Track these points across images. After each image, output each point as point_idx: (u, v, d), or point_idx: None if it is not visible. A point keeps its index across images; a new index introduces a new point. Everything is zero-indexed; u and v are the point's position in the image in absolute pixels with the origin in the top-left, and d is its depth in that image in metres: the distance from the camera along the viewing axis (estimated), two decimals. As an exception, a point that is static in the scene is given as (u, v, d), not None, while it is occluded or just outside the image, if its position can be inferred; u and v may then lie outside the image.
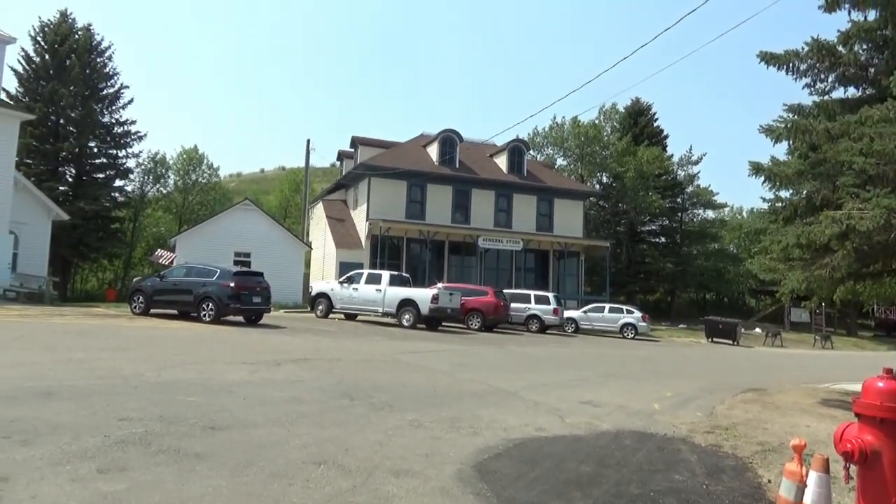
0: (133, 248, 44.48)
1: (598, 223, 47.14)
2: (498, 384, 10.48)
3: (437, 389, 9.46)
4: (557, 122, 48.13)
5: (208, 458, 5.00)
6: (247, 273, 19.85)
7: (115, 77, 38.77)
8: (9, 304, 20.82)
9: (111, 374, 8.76)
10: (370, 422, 6.78)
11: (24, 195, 25.85)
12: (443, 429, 6.68)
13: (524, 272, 36.06)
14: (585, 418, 8.11)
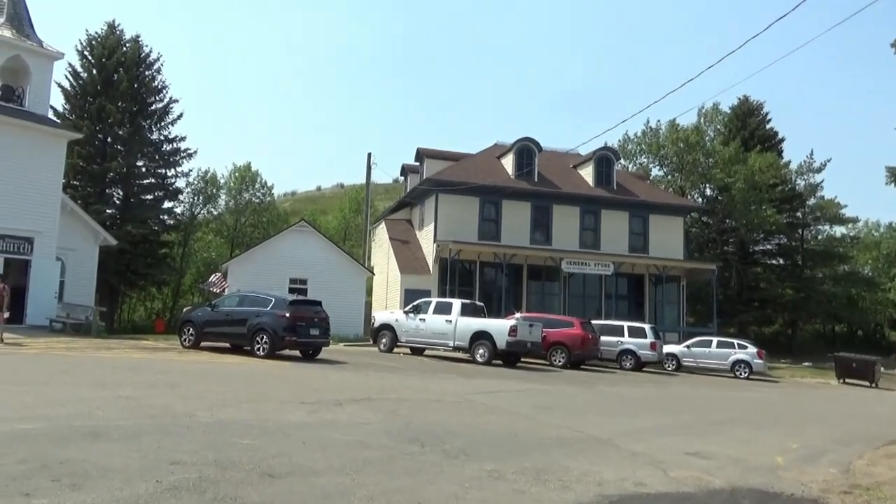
0: (182, 274, 46.34)
1: (702, 243, 45.97)
2: (588, 430, 10.30)
3: (518, 435, 9.39)
4: (651, 127, 47.48)
5: (267, 509, 5.11)
6: (304, 302, 20.33)
7: (164, 90, 40.96)
8: (56, 336, 22.04)
9: (162, 414, 9.11)
10: (443, 471, 6.78)
11: (72, 219, 27.42)
12: (527, 481, 6.61)
13: (615, 300, 35.48)
14: (693, 472, 7.85)
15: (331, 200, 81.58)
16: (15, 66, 25.62)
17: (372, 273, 35.47)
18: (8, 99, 25.37)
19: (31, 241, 24.62)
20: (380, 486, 5.97)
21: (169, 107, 41.04)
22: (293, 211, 66.82)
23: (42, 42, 26.35)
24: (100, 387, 11.51)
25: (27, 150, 24.57)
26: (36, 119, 25.67)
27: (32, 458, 6.23)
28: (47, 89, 27.12)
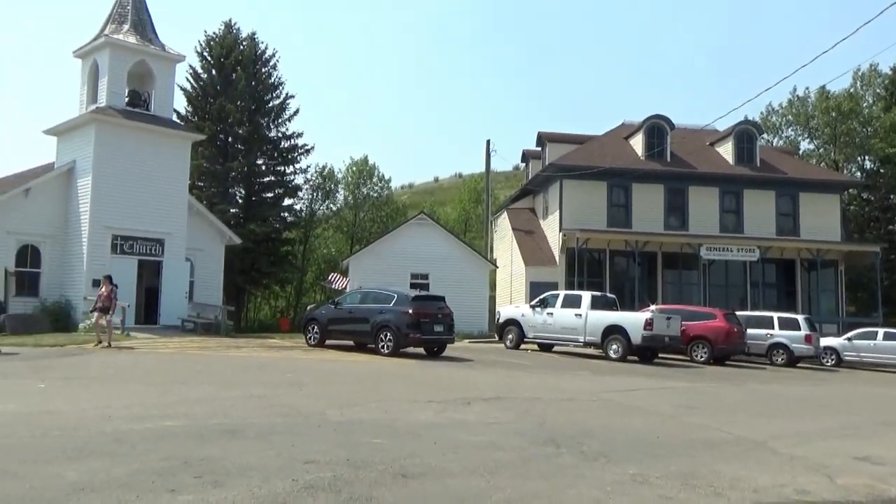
0: (304, 272, 48.26)
1: (863, 222, 43.11)
2: (739, 432, 9.92)
3: (660, 437, 9.18)
4: (798, 96, 44.88)
5: (403, 510, 5.27)
6: (427, 298, 20.68)
7: (281, 87, 42.72)
8: (187, 335, 23.57)
9: (292, 412, 9.57)
10: (582, 475, 6.73)
11: (198, 220, 29.17)
12: (674, 487, 6.45)
13: (762, 288, 33.90)
14: (863, 479, 7.40)
15: (449, 191, 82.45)
16: (140, 72, 27.50)
17: (495, 266, 35.56)
18: (135, 104, 27.27)
19: (161, 242, 26.42)
20: (516, 490, 6.01)
21: (285, 103, 42.80)
22: (411, 204, 68.08)
23: (164, 46, 28.12)
24: (232, 386, 12.22)
25: (155, 153, 26.35)
26: (162, 122, 27.48)
27: (175, 454, 6.72)
28: (171, 92, 28.97)
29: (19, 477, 5.76)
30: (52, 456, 6.55)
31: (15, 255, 25.03)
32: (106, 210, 25.04)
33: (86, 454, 6.66)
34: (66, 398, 10.33)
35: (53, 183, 26.13)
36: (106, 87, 26.22)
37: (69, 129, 26.76)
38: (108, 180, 25.16)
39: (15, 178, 29.65)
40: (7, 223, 24.91)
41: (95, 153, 25.15)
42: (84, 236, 24.99)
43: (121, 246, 25.50)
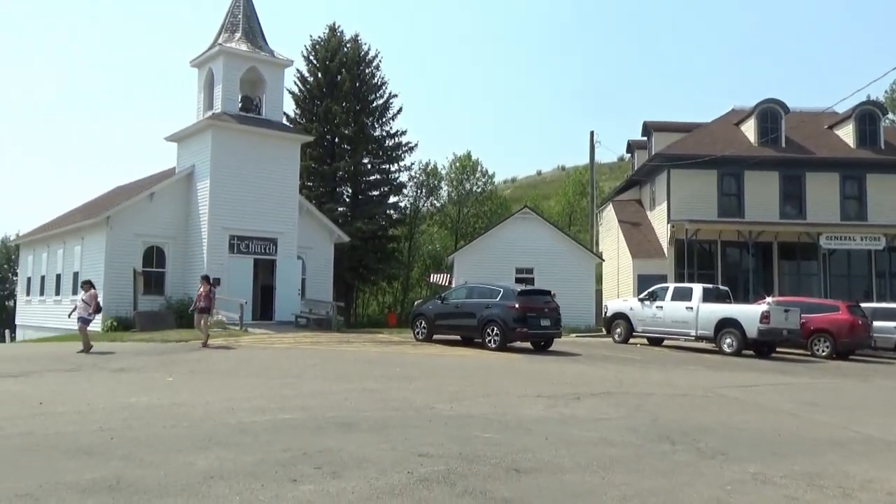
0: (410, 268, 48.99)
1: None
2: (867, 430, 9.41)
3: (781, 435, 8.82)
4: (928, 72, 41.95)
5: (517, 505, 5.29)
6: (533, 292, 20.61)
7: (384, 87, 43.44)
8: (301, 331, 24.38)
9: (404, 406, 9.76)
10: (700, 472, 6.56)
11: (308, 219, 30.15)
12: (799, 487, 6.19)
13: (889, 279, 31.93)
14: None
15: (552, 184, 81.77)
16: (252, 77, 28.60)
17: (601, 259, 35.04)
18: (248, 109, 28.42)
19: (275, 241, 27.45)
20: (631, 487, 5.91)
21: (389, 102, 43.52)
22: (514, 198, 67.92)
23: (273, 52, 29.14)
24: (345, 379, 12.56)
25: (267, 156, 27.40)
26: (273, 126, 28.51)
27: (295, 446, 6.98)
28: (280, 96, 30.01)
29: (155, 465, 6.13)
30: (182, 446, 6.94)
31: (142, 256, 26.60)
32: (223, 211, 26.25)
33: (213, 444, 7.02)
34: (191, 391, 10.89)
35: (175, 187, 27.59)
36: (220, 93, 27.45)
37: (188, 136, 28.16)
38: (224, 183, 26.36)
39: (140, 184, 31.54)
40: (134, 226, 26.50)
41: (212, 157, 26.38)
42: (203, 237, 26.27)
43: (237, 245, 26.66)
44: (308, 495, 5.29)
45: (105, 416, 8.54)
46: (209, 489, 5.40)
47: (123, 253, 26.11)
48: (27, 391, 10.66)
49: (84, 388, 11.27)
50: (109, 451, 6.69)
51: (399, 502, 5.19)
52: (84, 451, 6.70)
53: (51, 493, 5.26)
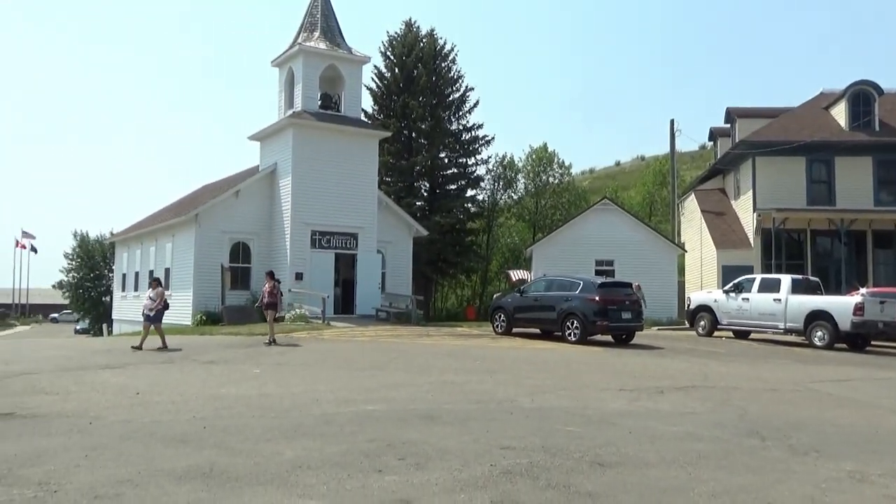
0: (489, 261, 48.99)
1: None
2: (974, 428, 8.91)
3: (879, 432, 8.45)
4: None
5: (602, 499, 5.23)
6: (613, 284, 20.31)
7: (460, 80, 43.53)
8: (381, 324, 24.72)
9: (485, 399, 9.77)
10: (792, 470, 6.34)
11: (387, 214, 30.52)
12: (899, 486, 5.92)
13: None
14: None
15: (631, 175, 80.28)
16: (331, 75, 29.10)
17: (683, 250, 34.25)
18: (327, 106, 28.95)
19: (355, 236, 27.91)
20: (720, 483, 5.77)
21: (465, 96, 43.59)
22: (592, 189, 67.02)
23: (351, 49, 29.56)
24: (426, 372, 12.67)
25: (347, 152, 27.86)
26: (351, 122, 28.96)
27: (379, 437, 7.09)
28: (359, 93, 30.43)
29: (245, 454, 6.33)
30: (271, 435, 7.14)
31: (229, 252, 27.47)
32: (305, 207, 26.83)
33: (300, 434, 7.20)
34: (278, 383, 11.18)
35: (258, 184, 28.35)
36: (301, 92, 28.03)
37: (270, 135, 28.87)
38: (305, 179, 26.94)
39: (226, 182, 32.53)
40: (221, 223, 27.38)
41: (293, 155, 26.98)
42: (286, 232, 26.92)
43: (319, 241, 27.22)
44: (393, 486, 5.37)
45: (197, 406, 8.86)
46: (297, 478, 5.55)
47: (211, 249, 27.03)
48: (125, 382, 11.16)
49: (177, 378, 11.72)
50: (202, 439, 6.95)
51: (483, 495, 5.21)
52: (179, 439, 6.98)
53: (149, 479, 5.50)
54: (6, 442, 6.86)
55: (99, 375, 11.92)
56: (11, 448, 6.53)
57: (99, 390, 10.28)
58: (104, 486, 5.28)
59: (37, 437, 7.13)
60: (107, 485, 5.33)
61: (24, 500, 4.97)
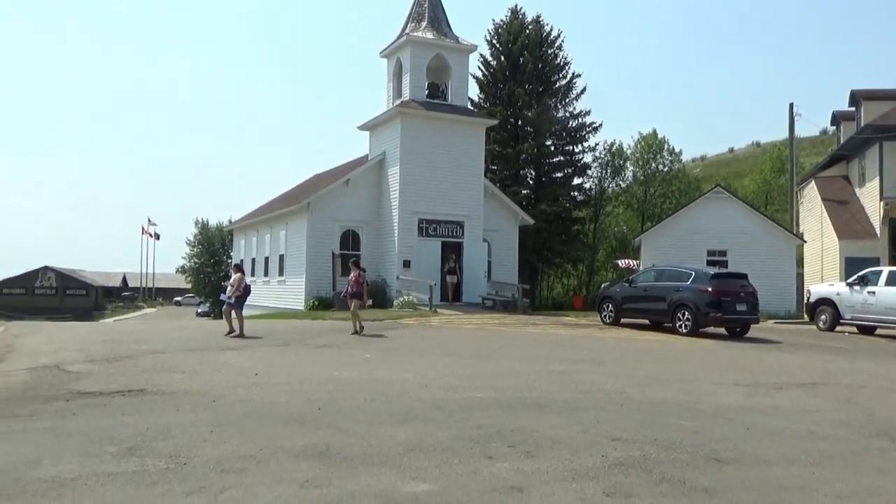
0: (596, 250, 48.26)
1: None
2: None
3: None
4: None
5: (719, 495, 5.07)
6: (727, 275, 19.61)
7: (567, 67, 42.83)
8: (487, 313, 24.80)
9: (593, 389, 9.65)
10: (927, 474, 5.96)
11: (493, 202, 30.53)
12: None
13: None
14: None
15: (745, 162, 77.23)
16: (438, 65, 29.29)
17: (802, 241, 32.63)
18: (434, 95, 29.18)
19: (461, 224, 28.09)
20: (847, 485, 5.48)
21: (572, 83, 42.88)
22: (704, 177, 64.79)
23: (458, 38, 29.65)
24: (533, 361, 12.63)
25: (454, 141, 28.04)
26: (458, 111, 29.09)
27: (488, 424, 7.13)
28: (465, 81, 30.52)
29: (359, 436, 6.50)
30: (382, 419, 7.31)
31: (339, 240, 28.21)
32: (412, 196, 27.20)
33: (411, 418, 7.33)
34: (387, 368, 11.42)
35: (367, 174, 28.94)
36: (408, 82, 28.37)
37: (378, 124, 29.38)
38: (413, 168, 27.29)
39: (336, 171, 33.39)
40: (332, 212, 28.14)
41: (401, 144, 27.37)
42: (394, 221, 27.38)
43: (426, 229, 27.54)
44: (504, 472, 5.39)
45: (312, 388, 9.17)
46: (409, 461, 5.65)
47: (322, 237, 27.83)
48: (244, 363, 11.67)
49: (293, 361, 12.15)
50: (318, 420, 7.18)
51: (595, 485, 5.15)
52: (296, 419, 7.24)
53: (270, 456, 5.73)
54: (140, 416, 7.32)
55: (220, 356, 12.51)
56: (144, 422, 6.96)
57: (221, 370, 10.80)
58: (229, 461, 5.55)
59: (166, 412, 7.56)
60: (231, 459, 5.60)
61: (156, 471, 5.28)
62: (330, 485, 4.98)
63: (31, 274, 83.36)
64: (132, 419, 7.15)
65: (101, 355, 12.15)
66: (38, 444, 6.07)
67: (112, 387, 9.09)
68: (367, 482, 5.06)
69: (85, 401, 8.23)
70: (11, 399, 8.36)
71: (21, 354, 12.33)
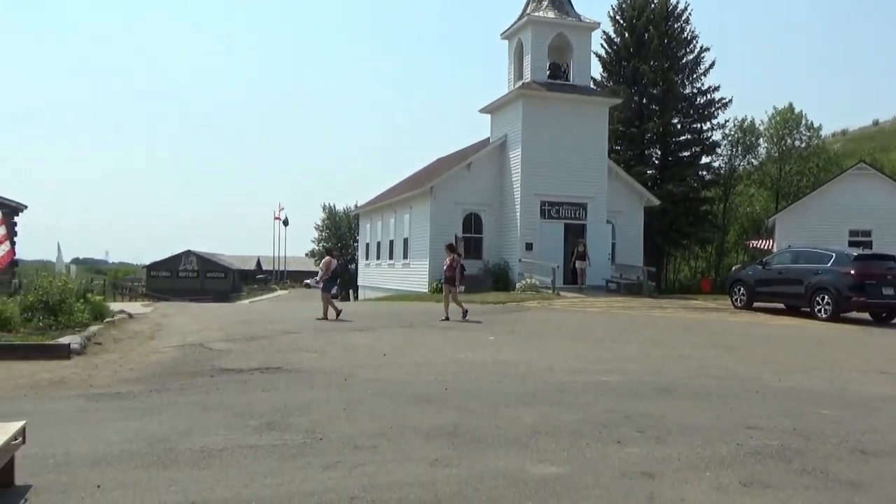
0: (725, 231, 46.42)
1: None
2: None
3: None
4: None
5: (865, 489, 4.78)
6: (872, 257, 18.45)
7: (694, 41, 41.20)
8: (611, 296, 24.39)
9: (726, 375, 9.32)
10: None
11: (617, 183, 29.89)
12: None
13: None
14: None
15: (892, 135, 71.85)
16: (559, 44, 28.85)
17: (958, 218, 30.13)
18: (556, 76, 28.79)
19: (584, 206, 27.69)
20: None
21: (700, 58, 41.23)
22: (845, 152, 60.77)
23: (580, 16, 29.07)
24: (660, 345, 12.34)
25: (576, 121, 27.62)
26: (581, 91, 28.59)
27: (615, 408, 7.03)
28: (588, 60, 29.93)
29: (486, 416, 6.57)
30: (508, 400, 7.34)
31: (462, 223, 28.44)
32: (534, 178, 27.03)
33: (537, 401, 7.33)
34: (512, 350, 11.45)
35: (489, 157, 28.98)
36: (529, 63, 28.12)
37: (500, 107, 29.31)
38: (534, 150, 27.10)
39: (458, 155, 33.62)
40: (454, 195, 28.38)
41: (523, 126, 27.21)
42: (517, 203, 27.31)
43: (548, 211, 27.33)
44: (634, 458, 5.30)
45: (438, 369, 9.33)
46: (537, 443, 5.66)
47: (445, 220, 28.13)
48: (372, 343, 12.01)
49: (418, 342, 12.40)
50: (445, 400, 7.31)
51: (730, 474, 4.98)
52: (423, 398, 7.39)
53: (399, 434, 5.89)
54: (277, 392, 7.69)
55: (349, 337, 12.93)
56: (281, 398, 7.31)
57: (350, 350, 11.16)
58: (361, 438, 5.74)
59: (301, 389, 7.91)
60: (363, 436, 5.79)
61: (294, 445, 5.54)
62: (459, 464, 5.06)
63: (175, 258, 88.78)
64: (270, 395, 7.53)
65: (240, 334, 12.83)
66: (188, 417, 6.50)
67: (251, 364, 9.60)
68: (495, 463, 5.10)
69: (227, 377, 8.74)
70: (163, 374, 8.98)
71: (169, 333, 13.20)
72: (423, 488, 4.50)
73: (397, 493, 4.40)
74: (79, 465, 4.93)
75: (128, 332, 13.09)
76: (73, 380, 8.57)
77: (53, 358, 9.87)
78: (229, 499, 4.28)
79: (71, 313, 12.90)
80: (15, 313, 12.15)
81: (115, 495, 4.34)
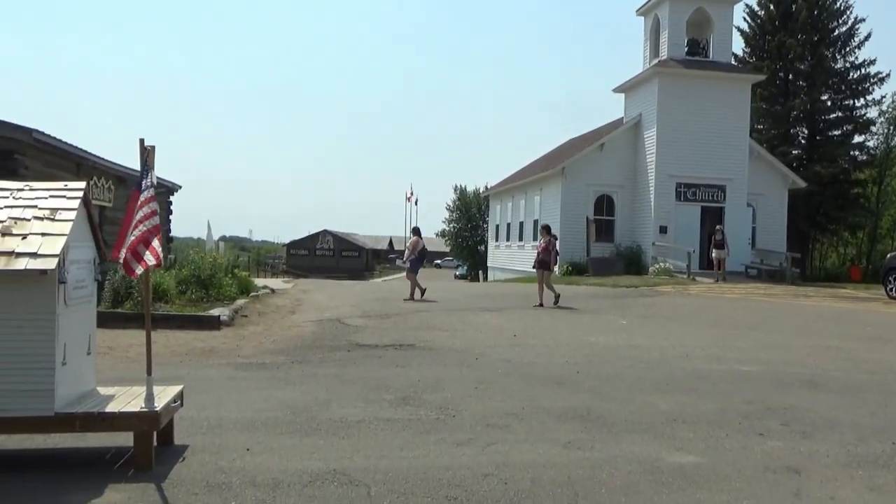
0: (879, 216, 43.26)
1: None
2: None
3: None
4: None
5: None
6: None
7: (847, 11, 38.33)
8: (751, 282, 23.30)
9: (880, 370, 8.69)
10: None
11: (759, 164, 28.39)
12: None
13: None
14: None
15: None
16: (698, 19, 27.65)
17: None
18: (694, 53, 27.67)
19: (723, 189, 26.54)
20: None
21: (854, 29, 38.32)
22: None
23: (724, -10, 27.71)
24: (805, 335, 11.67)
25: (715, 99, 26.47)
26: (721, 67, 27.34)
27: (756, 399, 6.71)
28: (729, 35, 28.60)
29: (619, 401, 6.45)
30: (642, 386, 7.17)
31: (593, 205, 27.97)
32: (669, 159, 26.16)
33: (672, 388, 7.11)
34: (645, 335, 11.17)
35: (622, 137, 28.30)
36: (666, 39, 27.17)
37: (634, 86, 28.50)
38: (670, 130, 26.20)
39: (591, 136, 33.00)
40: (586, 176, 27.93)
41: (659, 105, 26.35)
42: (651, 185, 26.55)
43: (684, 193, 26.41)
44: (777, 451, 5.04)
45: (569, 352, 9.24)
46: (673, 431, 5.49)
47: (576, 202, 27.75)
48: (503, 324, 12.05)
49: (548, 324, 12.31)
50: (577, 383, 7.23)
51: (886, 474, 4.64)
52: (554, 380, 7.35)
53: (531, 415, 5.88)
54: (410, 369, 7.87)
55: (479, 317, 13.03)
56: (415, 374, 7.48)
57: (481, 330, 11.25)
58: (493, 417, 5.78)
59: (434, 366, 8.05)
60: (495, 415, 5.83)
61: (428, 420, 5.65)
62: (592, 448, 5.00)
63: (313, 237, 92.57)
64: (404, 371, 7.71)
65: (374, 311, 13.21)
66: (327, 388, 6.77)
67: (385, 340, 9.86)
68: (629, 449, 5.00)
69: (363, 352, 9.02)
70: (304, 347, 9.40)
71: (309, 308, 13.77)
72: (556, 470, 4.48)
73: (530, 473, 4.39)
74: (229, 429, 5.25)
75: (270, 307, 13.77)
76: (223, 349, 9.13)
77: (205, 328, 10.56)
78: (367, 468, 4.42)
79: (220, 287, 13.73)
80: (171, 286, 13.03)
81: (263, 458, 4.58)
